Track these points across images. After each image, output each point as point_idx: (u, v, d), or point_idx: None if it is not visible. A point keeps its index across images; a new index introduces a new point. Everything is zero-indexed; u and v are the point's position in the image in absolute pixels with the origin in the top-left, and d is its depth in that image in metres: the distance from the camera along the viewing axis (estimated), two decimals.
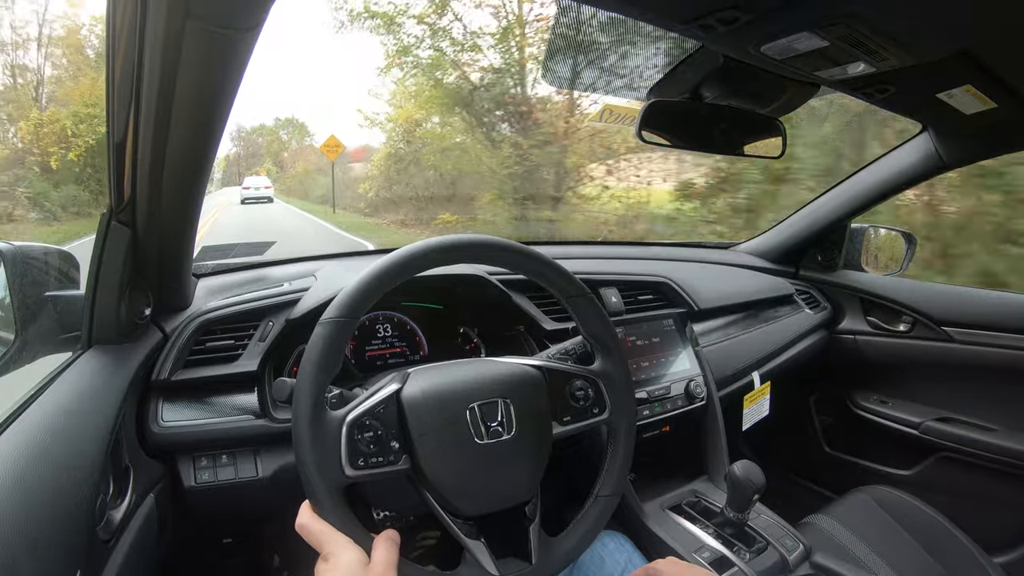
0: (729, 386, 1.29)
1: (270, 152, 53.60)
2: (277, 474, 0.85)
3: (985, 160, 1.34)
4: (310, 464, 0.56)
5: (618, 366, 0.74)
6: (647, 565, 0.71)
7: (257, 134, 57.94)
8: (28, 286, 0.73)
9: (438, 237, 0.67)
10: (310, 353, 0.60)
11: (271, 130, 55.88)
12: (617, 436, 0.73)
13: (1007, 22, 0.71)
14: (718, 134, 1.01)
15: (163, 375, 0.83)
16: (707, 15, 0.65)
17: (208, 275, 1.07)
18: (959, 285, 1.54)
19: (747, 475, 0.90)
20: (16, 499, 0.52)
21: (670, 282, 1.34)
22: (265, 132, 56.25)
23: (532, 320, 1.07)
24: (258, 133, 58.06)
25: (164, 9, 0.51)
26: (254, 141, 56.92)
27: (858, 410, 1.61)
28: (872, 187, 1.49)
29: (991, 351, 1.40)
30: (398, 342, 1.09)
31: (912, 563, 1.12)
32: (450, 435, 0.62)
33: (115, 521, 0.67)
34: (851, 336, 1.65)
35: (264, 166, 48.88)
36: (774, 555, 0.96)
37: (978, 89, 0.93)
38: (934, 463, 1.47)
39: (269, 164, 49.18)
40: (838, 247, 1.68)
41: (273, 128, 55.60)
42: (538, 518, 0.66)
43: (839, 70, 0.79)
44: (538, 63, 9.37)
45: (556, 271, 0.73)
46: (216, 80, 0.60)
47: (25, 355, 0.73)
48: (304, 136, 53.02)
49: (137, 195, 0.69)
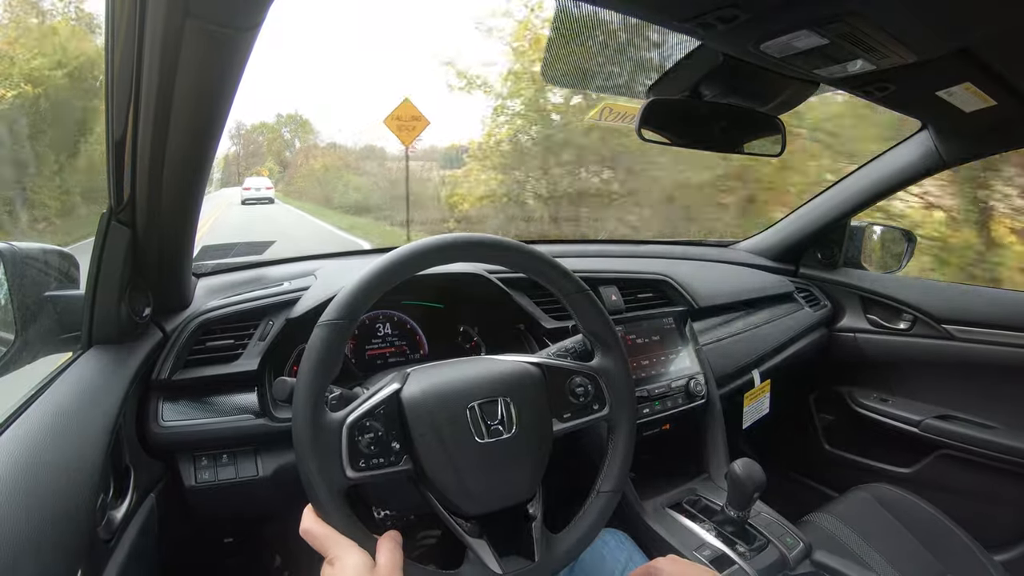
0: (729, 384, 1.29)
1: (271, 151, 50.70)
2: (277, 473, 0.85)
3: (985, 158, 1.34)
4: (312, 467, 0.56)
5: (618, 362, 0.74)
6: (648, 563, 0.71)
7: (258, 132, 54.16)
8: (28, 286, 0.73)
9: (436, 236, 0.67)
10: (309, 355, 0.59)
11: (272, 127, 52.93)
12: (617, 432, 0.73)
13: (1007, 20, 0.71)
14: (718, 132, 1.01)
15: (163, 375, 0.83)
16: (707, 13, 0.65)
17: (208, 275, 1.07)
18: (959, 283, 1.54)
19: (747, 473, 0.90)
20: (17, 499, 0.52)
21: (670, 280, 1.34)
22: (266, 130, 52.97)
23: (532, 318, 1.07)
24: (259, 131, 54.34)
25: (163, 8, 0.51)
26: (254, 139, 53.07)
27: (858, 408, 1.61)
28: (872, 185, 1.49)
29: (991, 349, 1.40)
30: (398, 341, 1.09)
31: (912, 561, 1.12)
32: (451, 434, 0.62)
33: (116, 521, 0.68)
34: (851, 334, 1.65)
35: (266, 165, 46.56)
36: (774, 553, 0.96)
37: (978, 87, 0.93)
38: (934, 461, 1.47)
39: (271, 163, 47.09)
40: (838, 245, 1.68)
41: (275, 126, 52.80)
42: (540, 516, 0.66)
43: (839, 68, 0.79)
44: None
45: (555, 269, 0.73)
46: (215, 80, 0.60)
47: (25, 355, 0.73)
48: (308, 133, 49.28)
49: (137, 195, 0.69)
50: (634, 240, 1.74)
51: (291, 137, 51.88)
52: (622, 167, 7.45)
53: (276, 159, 47.34)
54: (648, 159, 6.94)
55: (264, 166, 45.64)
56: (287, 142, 51.53)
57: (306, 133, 49.86)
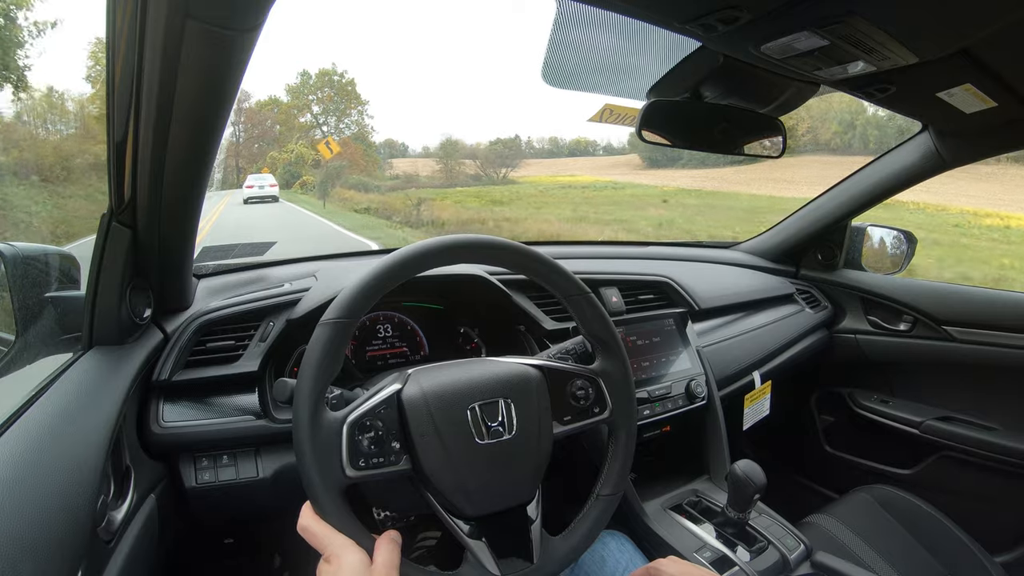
0: (730, 386, 1.29)
1: (286, 124, 35.85)
2: (278, 474, 0.85)
3: (986, 159, 1.34)
4: (311, 465, 0.56)
5: (618, 365, 0.74)
6: (648, 564, 0.71)
7: (269, 106, 37.67)
8: (28, 287, 0.73)
9: (437, 237, 0.67)
10: (310, 354, 0.59)
11: (303, 86, 35.89)
12: (618, 435, 0.73)
13: (1006, 21, 0.71)
14: (718, 133, 1.01)
15: (164, 376, 0.83)
16: (707, 14, 0.65)
17: (209, 275, 1.07)
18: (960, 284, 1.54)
19: (748, 475, 0.90)
20: (17, 500, 0.52)
21: (671, 282, 1.34)
22: (279, 107, 37.56)
23: (532, 320, 1.07)
24: (270, 106, 37.66)
25: (164, 10, 0.51)
26: (261, 122, 37.98)
27: (859, 409, 1.61)
28: (872, 187, 1.49)
29: (992, 350, 1.40)
30: (399, 342, 1.09)
31: (913, 562, 1.12)
32: (451, 435, 0.62)
33: (116, 522, 0.67)
34: (852, 335, 1.65)
35: (292, 151, 33.00)
36: (775, 554, 0.96)
37: (978, 88, 0.93)
38: (935, 462, 1.47)
39: (303, 145, 33.09)
40: (838, 246, 1.68)
41: (300, 87, 35.81)
42: (539, 518, 0.66)
43: (839, 69, 0.79)
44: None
45: (556, 271, 0.73)
46: (216, 81, 0.60)
47: (26, 356, 0.73)
48: (355, 102, 35.42)
49: (137, 196, 0.69)
50: (635, 242, 1.74)
51: (322, 115, 36.42)
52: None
53: (308, 144, 33.66)
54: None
55: (288, 152, 33.49)
56: (314, 119, 36.56)
57: (350, 103, 36.20)
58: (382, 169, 34.36)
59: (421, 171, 32.58)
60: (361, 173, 30.34)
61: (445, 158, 32.98)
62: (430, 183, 29.77)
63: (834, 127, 26.07)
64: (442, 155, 33.25)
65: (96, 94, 21.07)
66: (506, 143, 35.64)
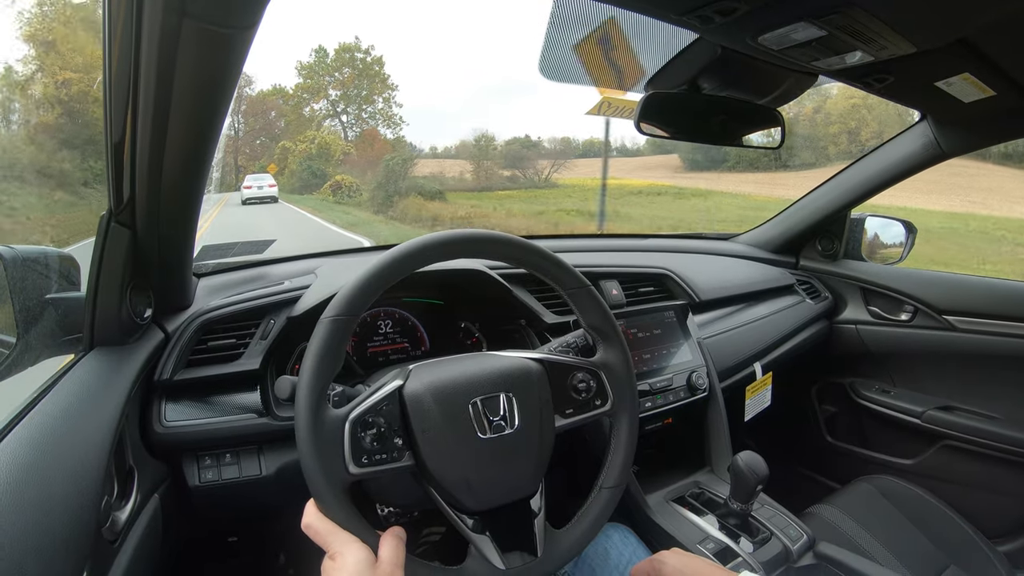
0: (731, 377, 1.29)
1: (294, 111, 29.08)
2: (281, 472, 0.86)
3: (984, 148, 1.34)
4: (314, 463, 0.56)
5: (619, 357, 0.74)
6: (651, 556, 0.71)
7: (274, 96, 30.93)
8: (28, 289, 0.73)
9: (436, 232, 0.67)
10: (311, 351, 0.59)
11: (318, 64, 28.86)
12: (620, 427, 0.74)
13: (1004, 10, 0.70)
14: (717, 125, 1.01)
15: (165, 375, 0.83)
16: (704, 6, 0.65)
17: (209, 274, 1.07)
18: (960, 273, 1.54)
19: (750, 466, 0.90)
20: (21, 502, 0.52)
21: (671, 274, 1.34)
22: (286, 96, 30.55)
23: (533, 314, 1.07)
24: (275, 95, 30.87)
25: (160, 8, 0.51)
26: (264, 112, 31.25)
27: (860, 400, 1.62)
28: (872, 176, 1.49)
29: (993, 339, 1.40)
30: (400, 338, 1.09)
31: (916, 551, 1.13)
32: (453, 430, 0.62)
33: (120, 522, 0.68)
34: (852, 326, 1.65)
35: (313, 139, 27.10)
36: (778, 545, 0.96)
37: (976, 77, 0.92)
38: (936, 452, 1.48)
39: (328, 135, 27.08)
40: (838, 237, 1.68)
41: (313, 65, 28.81)
42: (543, 511, 0.67)
43: (837, 59, 0.79)
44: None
45: (555, 264, 0.73)
46: (213, 78, 0.60)
47: (27, 358, 0.73)
48: (382, 86, 27.77)
49: (136, 196, 0.69)
50: (634, 234, 1.74)
51: (341, 101, 29.29)
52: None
53: (340, 150, 27.74)
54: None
55: (311, 136, 27.78)
56: (331, 106, 29.32)
57: (381, 88, 29.00)
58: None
59: (447, 172, 27.26)
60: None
61: (479, 157, 27.69)
62: (460, 185, 25.39)
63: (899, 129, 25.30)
64: (476, 154, 27.83)
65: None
66: (523, 143, 30.20)
